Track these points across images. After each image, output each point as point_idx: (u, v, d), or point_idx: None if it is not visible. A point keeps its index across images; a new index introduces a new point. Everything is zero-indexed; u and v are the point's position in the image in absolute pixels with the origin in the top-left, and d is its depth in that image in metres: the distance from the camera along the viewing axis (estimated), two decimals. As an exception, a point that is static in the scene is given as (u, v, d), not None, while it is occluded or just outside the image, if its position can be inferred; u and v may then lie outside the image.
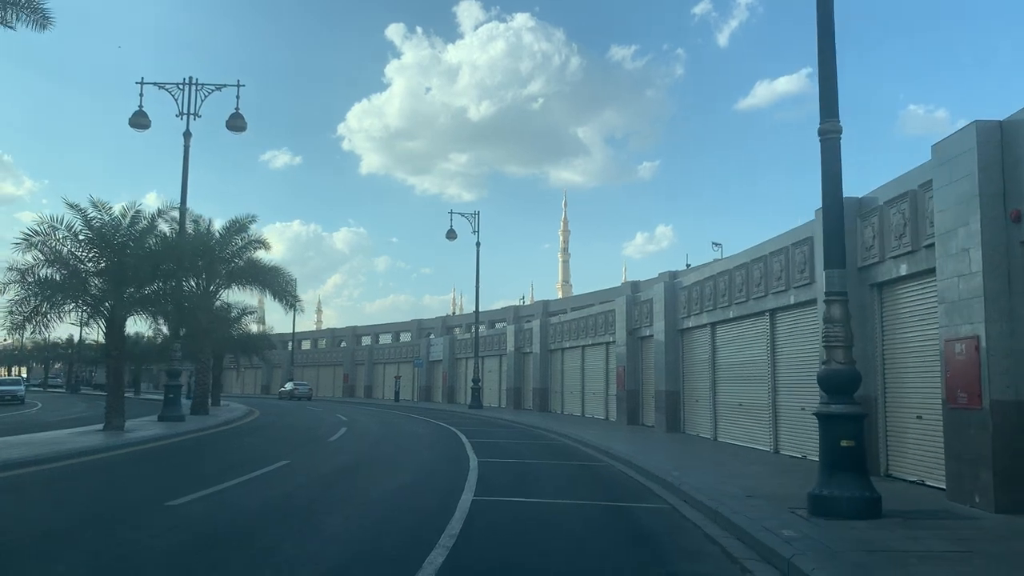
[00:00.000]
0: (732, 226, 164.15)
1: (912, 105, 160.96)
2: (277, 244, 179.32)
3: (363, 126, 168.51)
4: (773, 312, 17.49)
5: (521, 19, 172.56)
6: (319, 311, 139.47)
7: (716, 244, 35.15)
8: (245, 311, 39.18)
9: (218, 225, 29.52)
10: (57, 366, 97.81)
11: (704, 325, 21.76)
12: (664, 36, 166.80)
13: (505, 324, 47.67)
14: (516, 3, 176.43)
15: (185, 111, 25.19)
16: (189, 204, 24.92)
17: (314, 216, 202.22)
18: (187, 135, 25.26)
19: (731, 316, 19.68)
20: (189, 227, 28.86)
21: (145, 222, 22.01)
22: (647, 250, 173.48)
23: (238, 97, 25.46)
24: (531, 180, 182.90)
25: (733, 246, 71.04)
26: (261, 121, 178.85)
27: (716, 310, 20.64)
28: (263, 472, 13.19)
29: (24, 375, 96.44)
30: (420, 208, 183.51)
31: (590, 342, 32.75)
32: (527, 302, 67.14)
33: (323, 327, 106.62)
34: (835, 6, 9.72)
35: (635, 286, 32.20)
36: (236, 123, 25.38)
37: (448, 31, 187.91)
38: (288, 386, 63.19)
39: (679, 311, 23.82)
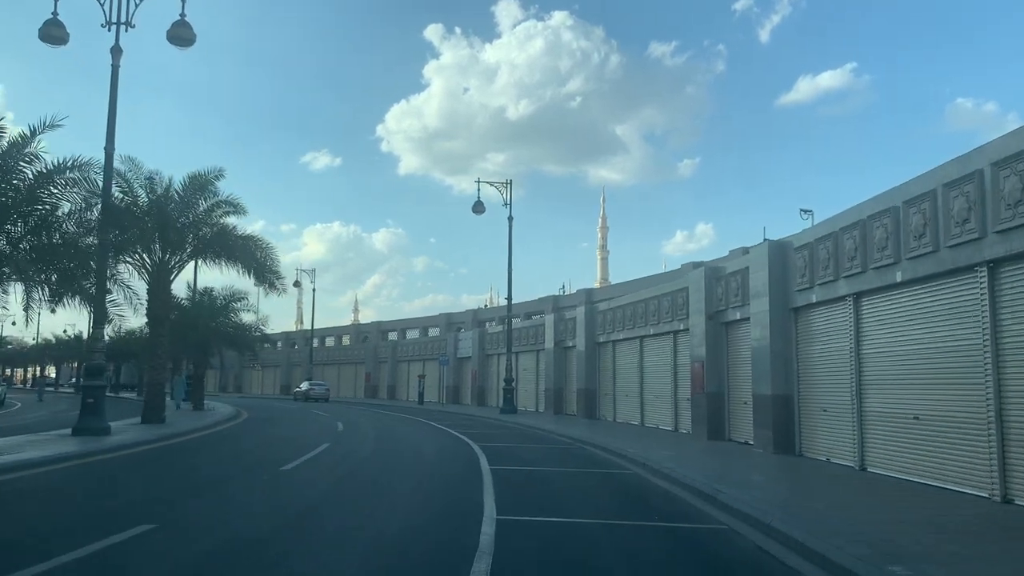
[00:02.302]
0: (774, 224, 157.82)
1: (960, 99, 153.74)
2: (317, 245, 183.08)
3: (402, 127, 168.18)
4: (995, 265, 10.42)
5: (560, 17, 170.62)
6: (356, 311, 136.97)
7: (805, 211, 27.57)
8: (233, 297, 32.81)
9: (179, 183, 22.98)
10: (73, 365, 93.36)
11: (841, 298, 14.68)
12: (705, 32, 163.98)
13: (543, 316, 40.79)
14: (555, 1, 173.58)
15: (113, 20, 18.78)
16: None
17: (354, 217, 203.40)
18: (116, 51, 18.87)
19: (898, 280, 12.60)
20: (141, 190, 22.56)
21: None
22: (687, 248, 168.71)
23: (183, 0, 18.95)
24: (569, 179, 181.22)
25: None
26: (302, 123, 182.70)
27: (866, 273, 13.57)
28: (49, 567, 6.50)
29: (52, 374, 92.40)
30: (458, 208, 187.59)
31: (652, 331, 25.71)
32: (567, 292, 60.05)
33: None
34: None
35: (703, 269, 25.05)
36: (180, 33, 18.86)
37: (486, 30, 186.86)
38: (304, 386, 57.15)
39: (792, 281, 16.74)
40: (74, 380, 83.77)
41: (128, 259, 23.04)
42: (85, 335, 65.60)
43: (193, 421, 24.70)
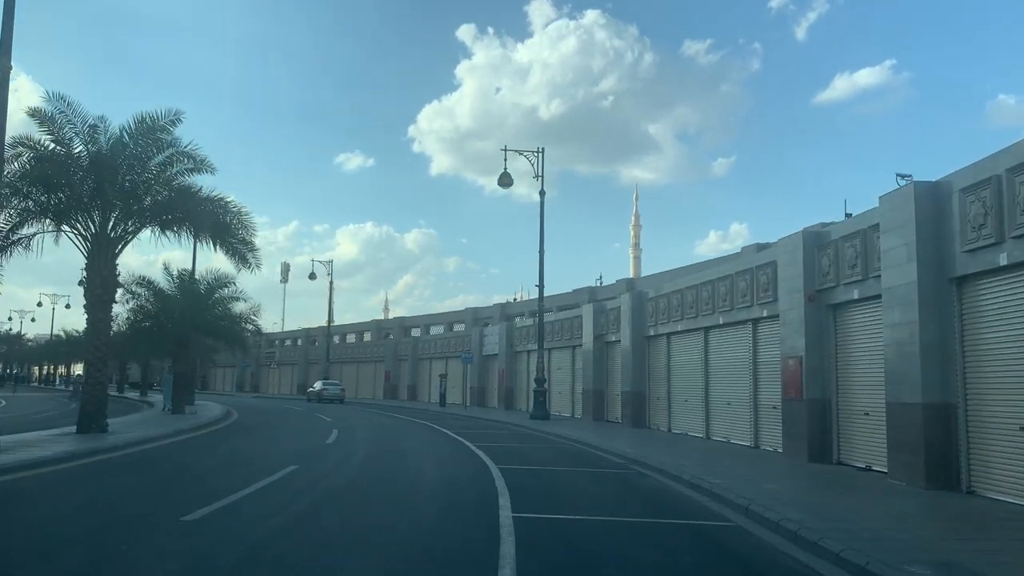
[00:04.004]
0: (811, 223, 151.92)
1: (1002, 95, 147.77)
2: (351, 245, 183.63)
3: (433, 127, 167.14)
4: None
5: (592, 16, 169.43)
6: (386, 310, 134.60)
7: (903, 176, 21.79)
8: (218, 282, 28.02)
9: (120, 129, 18.15)
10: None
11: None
12: (740, 30, 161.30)
13: (579, 308, 35.56)
14: (588, 0, 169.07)
15: None
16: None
17: (386, 218, 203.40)
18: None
19: None
20: (77, 139, 17.92)
21: None
22: (721, 248, 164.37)
23: None
24: (601, 178, 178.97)
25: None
26: (335, 124, 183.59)
27: None
28: None
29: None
30: (490, 208, 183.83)
31: (721, 320, 20.44)
32: (602, 284, 54.55)
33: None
34: None
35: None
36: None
37: (519, 30, 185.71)
38: (317, 386, 52.71)
39: (951, 238, 11.47)
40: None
41: (67, 228, 18.48)
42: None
43: (152, 429, 19.97)
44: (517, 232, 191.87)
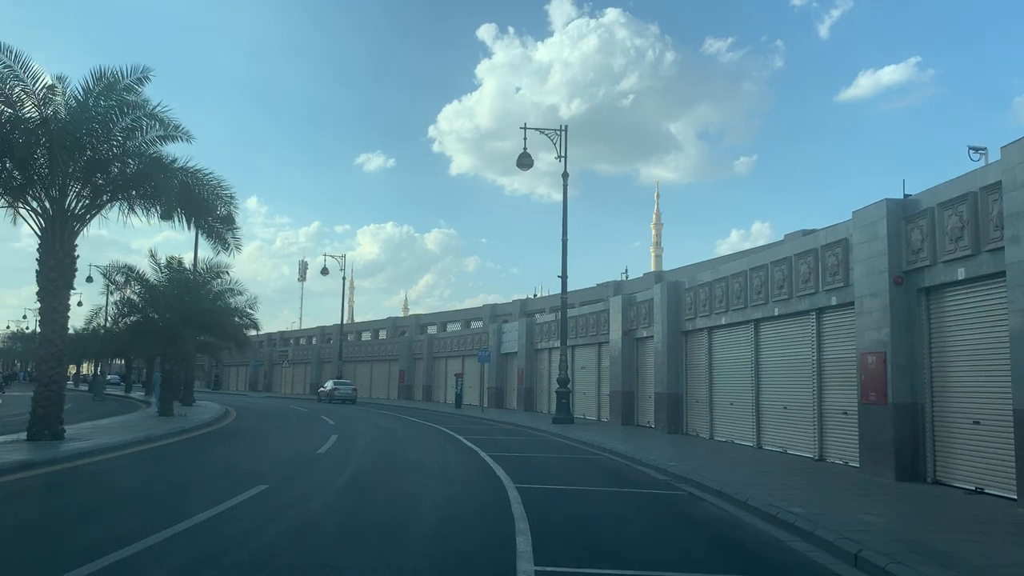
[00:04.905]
0: (833, 223, 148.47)
1: None
2: (372, 245, 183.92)
3: (453, 127, 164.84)
4: None
5: (613, 14, 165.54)
6: (405, 309, 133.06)
7: (977, 149, 18.82)
8: (210, 272, 25.48)
9: (78, 87, 15.61)
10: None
11: None
12: (762, 28, 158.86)
13: (605, 302, 32.79)
14: None
15: None
16: None
17: (407, 218, 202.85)
18: None
19: None
20: (29, 100, 15.54)
21: None
22: (742, 248, 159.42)
23: None
24: (621, 178, 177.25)
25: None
26: (355, 124, 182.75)
27: None
28: None
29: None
30: (509, 208, 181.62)
31: (777, 311, 17.58)
32: (628, 278, 51.69)
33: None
34: None
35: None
36: None
37: (539, 29, 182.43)
38: (328, 385, 50.34)
39: None
40: (111, 378, 78.13)
41: (21, 205, 16.03)
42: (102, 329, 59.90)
43: (121, 435, 17.47)
44: (537, 232, 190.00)
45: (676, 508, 10.57)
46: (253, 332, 36.23)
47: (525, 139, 29.01)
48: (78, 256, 15.95)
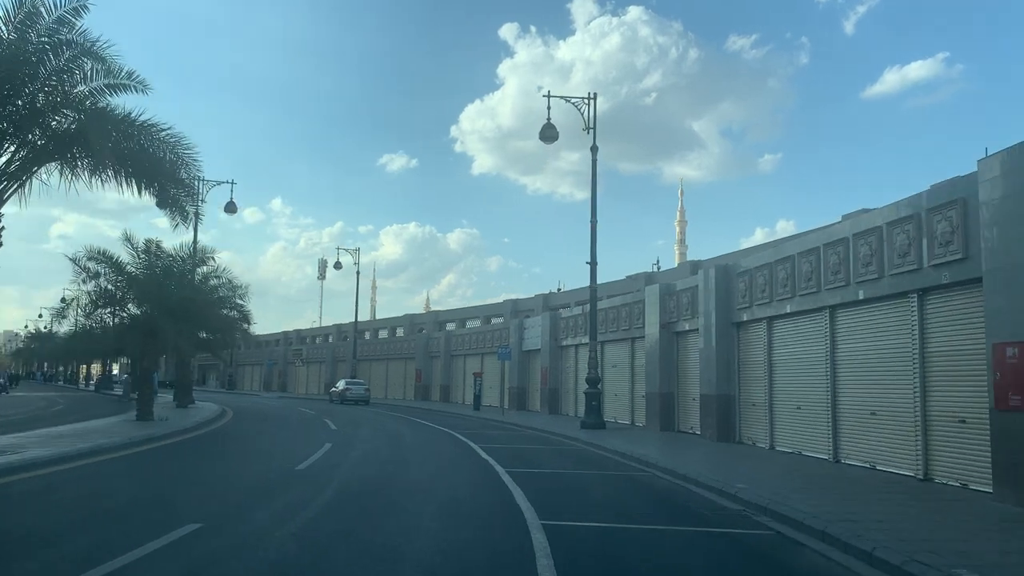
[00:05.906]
0: None
1: None
2: (395, 245, 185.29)
3: (476, 127, 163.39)
4: None
5: (635, 12, 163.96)
6: (427, 309, 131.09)
7: None
8: (191, 256, 22.52)
9: None
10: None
11: None
12: (786, 24, 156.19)
13: (639, 293, 29.53)
14: None
15: None
16: None
17: (429, 218, 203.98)
18: None
19: None
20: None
21: None
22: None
23: None
24: (644, 176, 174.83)
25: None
26: (378, 124, 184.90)
27: None
28: None
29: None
30: (532, 208, 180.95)
31: (860, 295, 14.30)
32: (660, 269, 48.23)
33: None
34: None
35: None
36: None
37: (561, 28, 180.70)
38: (340, 385, 47.58)
39: None
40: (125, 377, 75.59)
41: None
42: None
43: (72, 444, 14.59)
44: (560, 231, 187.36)
45: (775, 562, 7.39)
46: (245, 326, 33.19)
47: (549, 108, 26.13)
48: (3, 228, 13.01)
